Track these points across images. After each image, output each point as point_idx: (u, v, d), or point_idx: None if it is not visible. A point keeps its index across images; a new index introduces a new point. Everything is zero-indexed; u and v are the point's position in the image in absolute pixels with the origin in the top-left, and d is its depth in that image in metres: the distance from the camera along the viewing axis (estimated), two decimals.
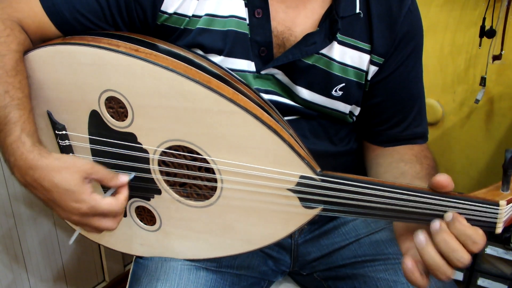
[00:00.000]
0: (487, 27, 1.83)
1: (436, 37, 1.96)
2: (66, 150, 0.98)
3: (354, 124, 1.12)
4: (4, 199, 1.45)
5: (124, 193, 0.91)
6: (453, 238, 0.75)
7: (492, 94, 1.94)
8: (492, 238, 1.77)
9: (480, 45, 1.87)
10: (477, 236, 0.75)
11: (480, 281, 1.82)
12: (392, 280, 1.03)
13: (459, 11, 1.89)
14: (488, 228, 0.78)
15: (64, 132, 0.96)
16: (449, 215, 0.76)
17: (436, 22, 1.94)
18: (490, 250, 1.78)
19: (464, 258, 0.75)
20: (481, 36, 1.85)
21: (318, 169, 0.84)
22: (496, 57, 1.84)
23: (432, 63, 1.99)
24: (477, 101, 1.92)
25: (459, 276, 1.86)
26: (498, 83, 1.91)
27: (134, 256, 1.10)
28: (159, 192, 0.95)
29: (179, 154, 0.90)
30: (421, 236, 0.78)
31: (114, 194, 0.91)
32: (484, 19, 1.83)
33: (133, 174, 0.94)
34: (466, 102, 2.01)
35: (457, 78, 1.99)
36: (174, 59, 0.87)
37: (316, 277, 1.18)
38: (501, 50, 1.83)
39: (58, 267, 1.70)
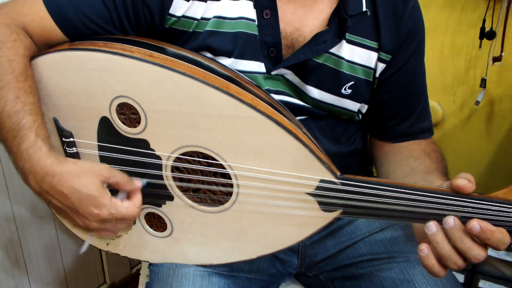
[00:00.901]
0: (487, 28, 1.83)
1: (436, 38, 1.96)
2: (73, 157, 0.96)
3: (360, 123, 1.13)
4: (5, 203, 1.44)
5: (138, 197, 0.91)
6: (468, 237, 0.76)
7: (493, 96, 1.95)
8: None
9: (480, 46, 1.87)
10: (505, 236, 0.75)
11: (482, 283, 1.82)
12: (398, 279, 1.03)
13: (459, 12, 1.90)
14: (509, 228, 0.77)
15: (71, 139, 0.95)
16: (475, 226, 0.75)
17: (436, 23, 1.94)
18: (491, 252, 1.78)
19: (481, 255, 0.76)
20: (481, 37, 1.85)
21: (338, 173, 0.83)
22: (496, 59, 1.84)
23: (432, 64, 2.00)
24: (477, 102, 1.92)
25: (460, 278, 1.86)
26: (498, 85, 1.92)
27: (146, 262, 1.09)
28: (171, 198, 0.95)
29: (194, 160, 0.89)
30: (432, 227, 0.78)
31: (126, 198, 0.91)
32: (484, 20, 1.83)
33: (145, 181, 0.93)
34: (467, 103, 2.01)
35: (457, 80, 1.99)
36: (191, 64, 0.87)
37: (321, 278, 1.17)
38: (501, 51, 1.83)
39: (59, 271, 1.69)
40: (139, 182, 0.91)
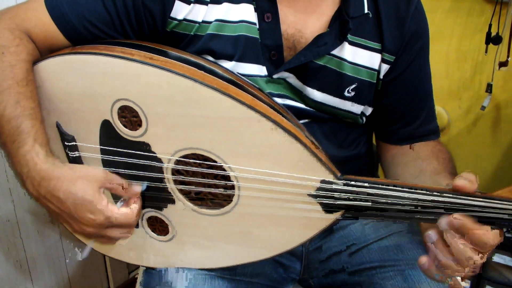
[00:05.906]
0: (493, 33, 1.82)
1: (442, 43, 1.96)
2: (76, 161, 0.97)
3: (364, 127, 1.13)
4: (9, 207, 1.44)
5: (138, 202, 0.91)
6: (458, 239, 0.76)
7: (498, 101, 1.94)
8: (499, 245, 1.75)
9: (486, 51, 1.86)
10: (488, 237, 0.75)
11: None
12: (402, 287, 1.02)
13: (465, 17, 1.89)
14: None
15: (73, 143, 0.95)
16: (456, 220, 0.76)
17: (442, 28, 1.94)
18: (498, 258, 1.77)
19: (473, 259, 0.75)
20: (487, 42, 1.84)
21: (339, 174, 0.83)
22: (503, 64, 1.84)
23: (438, 69, 1.99)
24: (483, 108, 1.92)
25: (466, 283, 1.85)
26: (504, 90, 1.91)
27: (144, 267, 1.08)
28: (172, 201, 0.94)
29: (195, 162, 0.89)
30: (431, 235, 0.79)
31: (126, 203, 0.90)
32: (490, 25, 1.82)
33: (145, 184, 0.93)
34: (472, 109, 2.00)
35: (463, 85, 1.99)
36: (190, 66, 0.87)
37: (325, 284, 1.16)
38: (508, 56, 1.82)
39: (63, 276, 1.69)
40: (138, 187, 0.91)
